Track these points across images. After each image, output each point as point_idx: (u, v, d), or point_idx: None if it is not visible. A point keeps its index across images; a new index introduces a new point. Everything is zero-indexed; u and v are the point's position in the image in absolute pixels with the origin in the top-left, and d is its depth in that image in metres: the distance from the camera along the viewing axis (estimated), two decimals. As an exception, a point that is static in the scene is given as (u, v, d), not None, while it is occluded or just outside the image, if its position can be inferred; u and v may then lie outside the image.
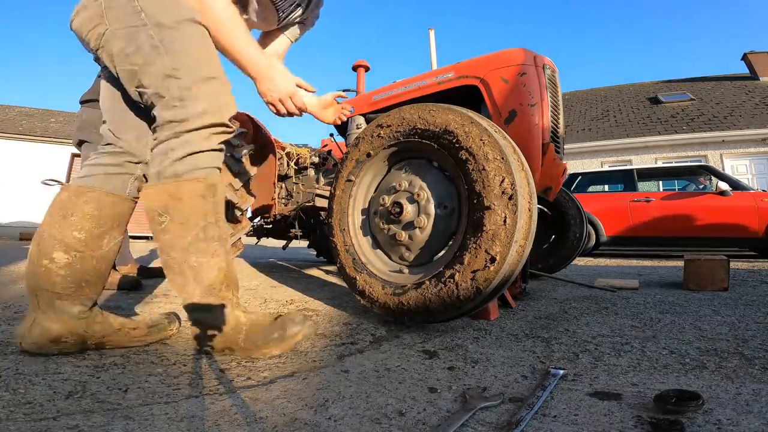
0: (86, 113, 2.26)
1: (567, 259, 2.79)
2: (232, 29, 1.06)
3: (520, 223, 1.18)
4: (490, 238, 1.18)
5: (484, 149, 1.26)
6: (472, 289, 1.19)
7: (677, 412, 0.72)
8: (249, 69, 1.12)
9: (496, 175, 1.23)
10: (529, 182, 1.27)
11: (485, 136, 1.27)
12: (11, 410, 0.72)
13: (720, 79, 13.69)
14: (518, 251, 1.21)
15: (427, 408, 0.78)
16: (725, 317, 1.54)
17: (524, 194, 1.22)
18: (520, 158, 1.31)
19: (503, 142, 1.28)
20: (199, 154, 1.01)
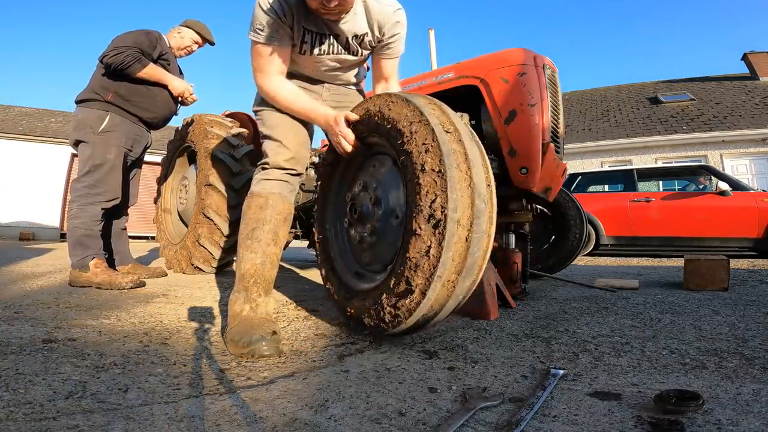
0: (82, 113, 2.26)
1: (567, 259, 2.79)
2: (278, 102, 1.40)
3: (447, 255, 0.98)
4: (412, 267, 1.03)
5: (423, 157, 1.07)
6: (393, 317, 1.08)
7: (677, 412, 0.72)
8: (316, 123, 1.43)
9: (428, 192, 1.04)
10: (475, 204, 1.02)
11: (429, 139, 1.07)
12: (11, 410, 0.72)
13: (720, 79, 13.69)
14: (446, 288, 1.02)
15: (427, 408, 0.78)
16: (725, 317, 1.54)
17: (463, 220, 1.00)
18: (472, 172, 1.05)
19: (451, 147, 1.05)
20: (267, 181, 1.39)
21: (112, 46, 2.18)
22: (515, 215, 2.17)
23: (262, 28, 1.30)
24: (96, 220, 2.21)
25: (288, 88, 1.40)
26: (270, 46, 1.33)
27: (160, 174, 3.56)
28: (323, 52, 1.41)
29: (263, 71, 1.38)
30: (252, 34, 1.33)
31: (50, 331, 1.25)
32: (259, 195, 1.36)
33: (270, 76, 1.38)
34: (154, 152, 6.17)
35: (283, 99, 1.39)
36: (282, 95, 1.39)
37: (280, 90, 1.39)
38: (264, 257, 1.29)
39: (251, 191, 1.40)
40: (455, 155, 1.05)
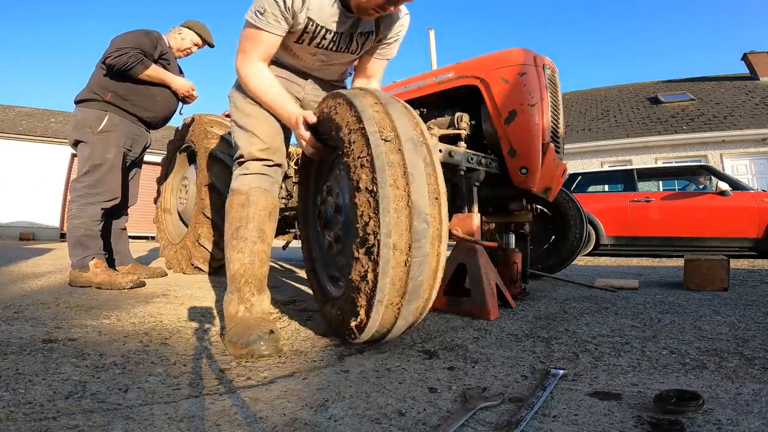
0: (81, 113, 2.26)
1: (567, 259, 2.79)
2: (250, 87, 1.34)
3: (385, 281, 0.91)
4: (354, 289, 0.99)
5: (359, 173, 0.97)
6: (349, 331, 1.05)
7: (677, 412, 0.72)
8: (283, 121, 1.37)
9: (363, 213, 0.96)
10: (413, 226, 0.92)
11: (365, 152, 0.96)
12: (11, 410, 0.72)
13: (720, 79, 13.69)
14: (391, 310, 0.97)
15: (427, 408, 0.78)
16: (725, 317, 1.54)
17: (400, 244, 0.91)
18: (411, 188, 0.93)
19: (387, 161, 0.93)
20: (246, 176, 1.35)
21: (113, 48, 2.18)
22: (515, 215, 2.17)
23: (263, 12, 1.24)
24: (96, 220, 2.21)
25: (264, 76, 1.33)
26: (263, 32, 1.28)
27: (160, 174, 3.56)
28: (322, 46, 1.37)
29: (246, 54, 1.32)
30: (250, 15, 1.27)
31: (50, 331, 1.25)
32: (239, 192, 1.33)
33: (251, 61, 1.32)
34: (154, 152, 6.18)
35: (254, 86, 1.33)
36: (254, 82, 1.33)
37: (255, 76, 1.33)
38: (252, 256, 1.27)
39: (231, 188, 1.36)
40: (392, 169, 0.93)
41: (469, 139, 1.96)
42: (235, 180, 1.37)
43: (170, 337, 1.26)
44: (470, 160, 1.85)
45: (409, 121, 1.04)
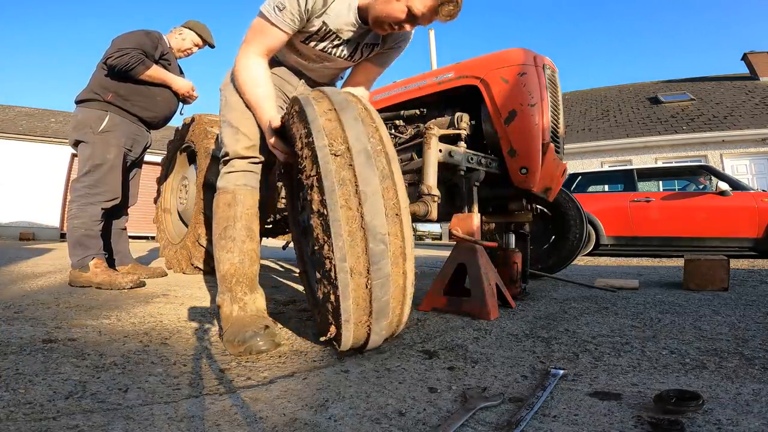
0: (82, 113, 2.26)
1: (567, 259, 2.79)
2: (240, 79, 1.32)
3: (347, 304, 0.89)
4: (323, 306, 0.98)
5: (311, 193, 0.94)
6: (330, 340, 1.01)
7: (677, 412, 0.72)
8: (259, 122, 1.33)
9: (317, 236, 0.92)
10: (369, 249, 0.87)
11: (314, 169, 0.92)
12: (11, 410, 0.72)
13: (720, 79, 13.69)
14: (361, 327, 0.95)
15: (427, 408, 0.78)
16: (725, 317, 1.54)
17: (358, 268, 0.87)
18: (364, 208, 0.87)
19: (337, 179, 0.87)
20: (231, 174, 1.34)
21: (115, 48, 2.18)
22: (515, 215, 2.17)
23: (282, 8, 1.22)
24: (96, 220, 2.21)
25: (256, 72, 1.30)
26: (275, 28, 1.26)
27: (160, 174, 3.56)
28: (327, 50, 1.38)
29: (249, 45, 1.30)
30: (267, 8, 1.25)
31: (50, 331, 1.25)
32: (226, 191, 1.31)
33: (252, 54, 1.30)
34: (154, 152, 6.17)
35: (242, 80, 1.30)
36: (243, 76, 1.30)
37: (248, 70, 1.30)
38: (241, 255, 1.26)
39: (217, 187, 1.34)
40: (342, 189, 0.86)
41: (469, 139, 1.96)
42: (222, 178, 1.35)
43: (170, 337, 1.26)
44: (470, 160, 1.85)
45: (365, 128, 0.95)
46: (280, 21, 1.25)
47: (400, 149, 2.10)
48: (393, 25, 1.26)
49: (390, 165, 0.94)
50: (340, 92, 1.06)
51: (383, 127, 1.01)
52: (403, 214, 0.92)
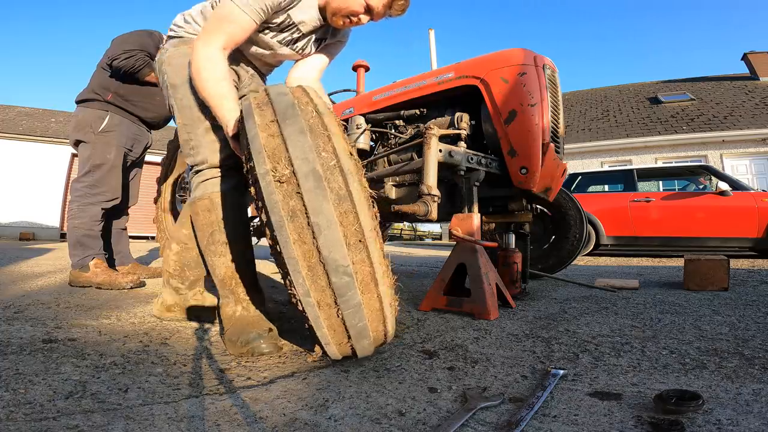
0: (82, 113, 2.26)
1: (567, 259, 2.79)
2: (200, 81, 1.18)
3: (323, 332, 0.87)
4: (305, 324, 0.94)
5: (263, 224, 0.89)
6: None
7: (677, 412, 0.72)
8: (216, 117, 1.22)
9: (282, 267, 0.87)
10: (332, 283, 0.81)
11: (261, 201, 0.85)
12: (11, 410, 0.72)
13: (720, 79, 13.69)
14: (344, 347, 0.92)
15: (427, 408, 0.78)
16: (725, 317, 1.54)
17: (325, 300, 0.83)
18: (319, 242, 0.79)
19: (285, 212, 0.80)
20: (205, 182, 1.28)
21: (119, 50, 2.18)
22: (515, 215, 2.17)
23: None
24: (96, 220, 2.21)
25: (221, 68, 1.19)
26: (246, 17, 1.20)
27: (160, 174, 3.56)
28: (283, 41, 1.38)
29: (216, 35, 1.19)
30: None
31: (50, 331, 1.25)
32: (201, 198, 1.25)
33: (215, 46, 1.19)
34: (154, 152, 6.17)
35: (206, 75, 1.17)
36: (205, 73, 1.17)
37: (212, 62, 1.18)
38: (235, 256, 1.22)
39: (192, 197, 1.29)
40: (293, 222, 0.78)
41: (469, 139, 1.96)
42: (196, 188, 1.28)
43: (170, 337, 1.26)
44: (470, 160, 1.85)
45: (314, 141, 0.82)
46: (253, 10, 1.20)
47: (400, 149, 2.10)
48: (351, 18, 1.33)
49: (347, 184, 0.81)
50: (287, 94, 0.91)
51: (338, 133, 0.87)
52: (368, 239, 0.82)
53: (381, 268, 0.85)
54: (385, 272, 0.87)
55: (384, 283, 0.87)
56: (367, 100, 2.46)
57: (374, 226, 0.84)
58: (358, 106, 2.50)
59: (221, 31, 1.19)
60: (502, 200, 2.18)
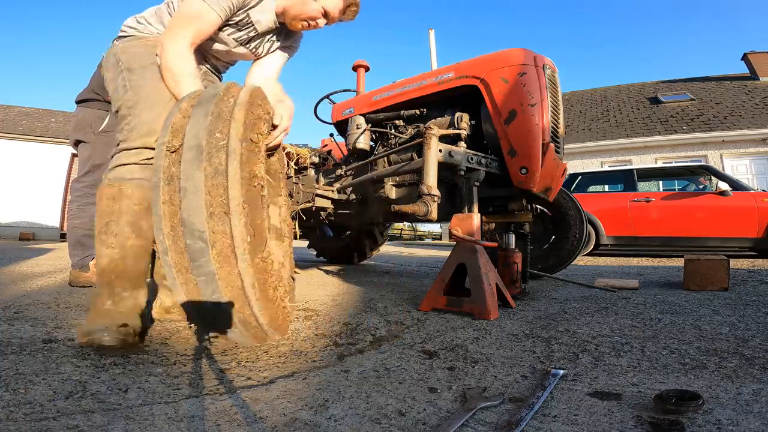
0: (82, 113, 2.26)
1: (567, 259, 2.79)
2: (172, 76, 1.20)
3: (182, 297, 0.94)
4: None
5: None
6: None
7: (677, 412, 0.72)
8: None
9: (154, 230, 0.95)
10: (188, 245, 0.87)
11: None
12: (11, 410, 0.72)
13: (720, 79, 13.68)
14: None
15: (427, 408, 0.78)
16: (725, 317, 1.54)
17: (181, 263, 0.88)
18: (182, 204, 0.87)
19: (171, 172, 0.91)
20: (123, 167, 1.20)
21: None
22: (515, 215, 2.17)
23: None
24: (96, 220, 2.21)
25: (191, 64, 1.22)
26: (214, 12, 1.23)
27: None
28: (239, 39, 1.41)
29: (185, 30, 1.21)
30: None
31: (50, 331, 1.25)
32: (111, 185, 1.18)
33: (187, 44, 1.21)
34: (154, 152, 6.17)
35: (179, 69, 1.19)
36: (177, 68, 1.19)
37: (182, 60, 1.20)
38: (123, 251, 1.15)
39: (104, 177, 1.22)
40: (169, 185, 0.88)
41: (469, 139, 1.96)
42: (112, 169, 1.20)
43: (170, 337, 1.26)
44: (470, 160, 1.85)
45: (213, 124, 0.91)
46: (221, 8, 1.24)
47: (400, 149, 2.10)
48: (309, 22, 1.42)
49: (228, 162, 0.87)
50: (217, 88, 1.01)
51: (241, 120, 0.93)
52: (233, 214, 0.85)
53: (242, 245, 0.86)
54: (247, 250, 0.87)
55: (245, 261, 0.87)
56: (367, 100, 2.46)
57: (240, 202, 0.87)
58: (358, 106, 2.50)
59: (189, 28, 1.22)
60: (502, 200, 2.18)
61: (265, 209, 0.96)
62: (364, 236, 3.89)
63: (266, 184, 0.95)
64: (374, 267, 3.88)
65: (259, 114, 1.01)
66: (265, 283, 0.92)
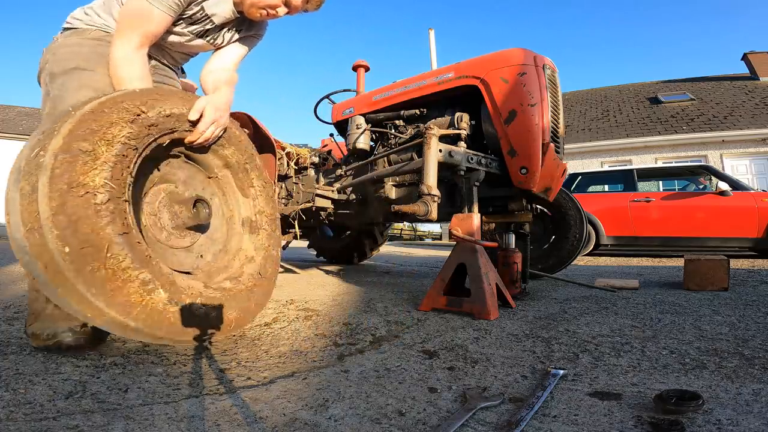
0: None
1: (567, 259, 2.79)
2: (117, 82, 1.17)
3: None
4: None
5: None
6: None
7: (677, 412, 0.72)
8: None
9: None
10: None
11: None
12: (11, 410, 0.72)
13: (720, 79, 13.68)
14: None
15: (427, 408, 0.78)
16: (725, 317, 1.54)
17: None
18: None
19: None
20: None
21: None
22: (515, 215, 2.17)
23: None
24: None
25: (137, 68, 1.18)
26: (163, 13, 1.18)
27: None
28: (196, 32, 1.35)
29: (132, 33, 1.16)
30: None
31: (50, 331, 1.25)
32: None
33: (131, 45, 1.17)
34: (154, 152, 6.17)
35: (122, 77, 1.15)
36: (122, 72, 1.15)
37: (128, 64, 1.16)
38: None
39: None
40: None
41: (469, 139, 1.96)
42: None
43: (170, 337, 1.26)
44: (470, 160, 1.85)
45: (37, 142, 0.94)
46: (165, 5, 1.18)
47: (400, 149, 2.10)
48: (268, 11, 1.33)
49: (39, 178, 0.89)
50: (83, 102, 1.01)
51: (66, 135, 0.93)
52: (44, 227, 0.87)
53: (61, 256, 0.87)
54: (69, 260, 0.87)
55: (71, 271, 0.88)
56: (367, 100, 2.46)
57: (50, 215, 0.87)
58: (358, 106, 2.49)
59: (135, 29, 1.18)
60: (502, 200, 2.18)
61: (107, 216, 0.92)
62: (364, 236, 3.89)
63: (108, 191, 0.94)
64: (374, 267, 3.88)
65: (110, 120, 0.98)
66: (113, 288, 0.91)
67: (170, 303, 0.97)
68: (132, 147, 1.01)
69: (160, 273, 0.98)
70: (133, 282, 0.92)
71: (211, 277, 1.22)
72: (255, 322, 1.47)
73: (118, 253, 0.91)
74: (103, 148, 0.96)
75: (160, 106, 1.09)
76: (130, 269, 0.92)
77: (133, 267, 0.93)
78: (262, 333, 1.34)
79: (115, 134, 0.98)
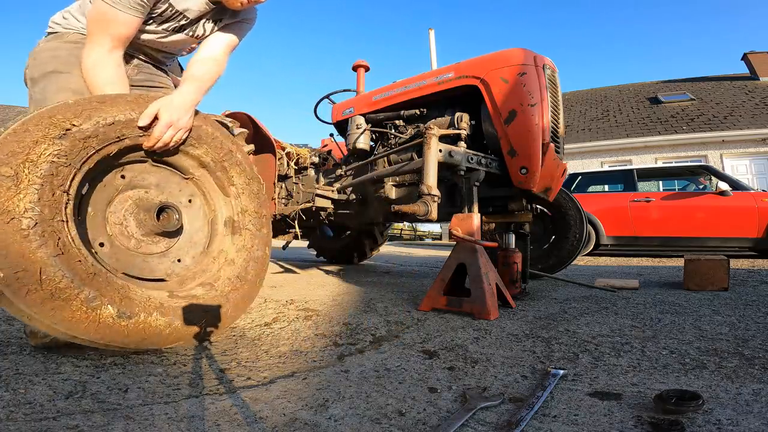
0: None
1: (567, 259, 2.79)
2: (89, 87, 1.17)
3: None
4: None
5: None
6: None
7: (677, 412, 0.72)
8: None
9: None
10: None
11: None
12: (11, 410, 0.72)
13: (720, 79, 13.68)
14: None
15: (427, 408, 0.78)
16: (725, 317, 1.54)
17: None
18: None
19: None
20: None
21: None
22: (515, 215, 2.17)
23: None
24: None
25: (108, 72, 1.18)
26: (126, 15, 1.15)
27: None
28: (170, 29, 1.32)
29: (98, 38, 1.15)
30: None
31: (50, 331, 1.25)
32: None
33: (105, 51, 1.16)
34: (154, 152, 6.17)
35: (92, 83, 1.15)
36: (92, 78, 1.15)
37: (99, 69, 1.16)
38: None
39: None
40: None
41: (469, 139, 1.96)
42: None
43: (170, 337, 1.26)
44: (470, 160, 1.85)
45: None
46: (128, 6, 1.15)
47: (400, 149, 2.10)
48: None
49: None
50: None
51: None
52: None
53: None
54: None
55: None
56: (367, 100, 2.46)
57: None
58: (358, 106, 2.50)
59: (103, 33, 1.16)
60: (502, 200, 2.18)
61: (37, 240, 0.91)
62: (364, 236, 3.89)
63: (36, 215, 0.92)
64: (374, 267, 3.88)
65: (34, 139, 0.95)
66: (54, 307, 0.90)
67: (121, 317, 0.96)
68: (64, 164, 0.97)
69: (108, 288, 0.96)
70: (74, 300, 0.91)
71: (183, 284, 1.20)
72: (255, 322, 1.47)
73: (54, 275, 0.89)
74: (26, 171, 0.93)
75: (99, 115, 1.04)
76: (70, 288, 0.91)
77: (73, 286, 0.91)
78: (262, 333, 1.34)
79: (40, 153, 0.94)
